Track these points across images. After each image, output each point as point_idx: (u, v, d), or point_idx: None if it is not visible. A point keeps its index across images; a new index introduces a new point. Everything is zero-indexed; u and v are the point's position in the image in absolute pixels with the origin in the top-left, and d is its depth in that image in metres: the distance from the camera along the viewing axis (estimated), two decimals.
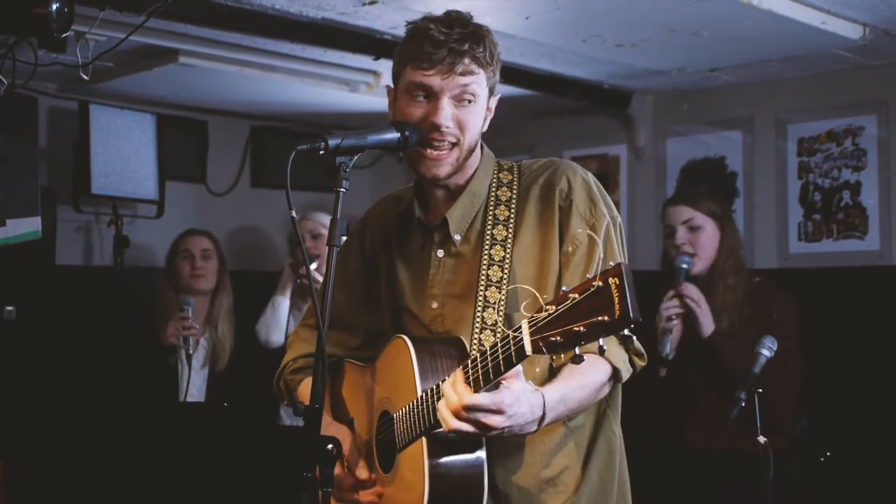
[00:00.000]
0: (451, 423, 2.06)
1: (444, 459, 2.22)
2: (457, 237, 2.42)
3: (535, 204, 2.39)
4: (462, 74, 2.29)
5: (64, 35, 3.30)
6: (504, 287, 2.31)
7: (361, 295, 2.63)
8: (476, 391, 2.05)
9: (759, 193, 5.34)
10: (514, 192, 2.42)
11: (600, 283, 1.80)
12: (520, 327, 1.95)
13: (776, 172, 5.27)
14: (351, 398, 2.59)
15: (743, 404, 3.40)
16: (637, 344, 2.33)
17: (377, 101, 5.29)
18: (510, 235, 2.37)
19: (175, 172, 5.81)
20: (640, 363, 2.34)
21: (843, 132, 5.05)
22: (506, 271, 2.33)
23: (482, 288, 2.33)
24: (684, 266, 3.97)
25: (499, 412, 2.02)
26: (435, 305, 2.43)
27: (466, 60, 2.28)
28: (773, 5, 3.87)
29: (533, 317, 1.92)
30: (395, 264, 2.54)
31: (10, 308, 4.99)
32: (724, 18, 4.05)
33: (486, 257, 2.35)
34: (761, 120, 5.34)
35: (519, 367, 2.04)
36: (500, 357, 2.00)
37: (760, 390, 3.39)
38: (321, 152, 2.24)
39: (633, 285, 1.78)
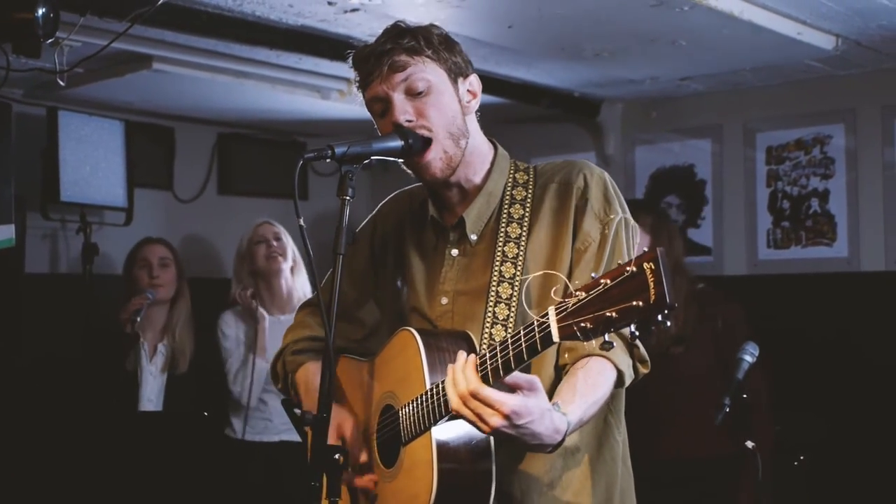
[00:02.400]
0: (453, 403, 2.03)
1: (453, 453, 2.18)
2: (473, 237, 2.42)
3: (550, 201, 2.39)
4: (397, 70, 2.31)
5: (49, 41, 3.25)
6: (517, 283, 2.31)
7: (367, 288, 2.61)
8: (495, 380, 2.01)
9: (728, 201, 5.40)
10: (530, 191, 2.42)
11: (634, 269, 1.76)
12: (546, 314, 1.91)
13: (745, 180, 5.34)
14: (348, 393, 2.55)
15: (728, 409, 3.43)
16: (642, 350, 2.31)
17: (348, 108, 5.27)
18: (524, 233, 2.36)
19: (142, 179, 5.74)
20: (643, 370, 2.32)
21: (812, 141, 5.13)
22: (519, 268, 2.33)
23: (494, 284, 2.32)
24: None
25: (502, 414, 1.96)
26: (445, 301, 2.42)
27: (395, 56, 2.30)
28: (753, 16, 3.93)
29: (561, 302, 1.88)
30: (407, 260, 2.52)
31: None
32: (704, 28, 4.10)
33: (499, 254, 2.35)
34: (730, 128, 5.41)
35: (538, 382, 2.01)
36: (524, 345, 1.96)
37: (745, 395, 3.43)
38: (328, 160, 2.23)
39: (669, 271, 1.76)
